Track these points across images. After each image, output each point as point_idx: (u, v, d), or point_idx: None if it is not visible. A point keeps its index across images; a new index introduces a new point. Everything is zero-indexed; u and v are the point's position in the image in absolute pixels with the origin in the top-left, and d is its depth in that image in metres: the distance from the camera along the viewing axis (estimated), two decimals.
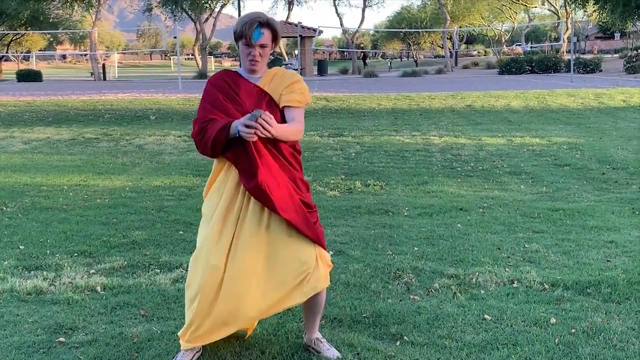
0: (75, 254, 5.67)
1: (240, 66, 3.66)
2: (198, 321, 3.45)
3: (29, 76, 45.49)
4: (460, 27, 63.74)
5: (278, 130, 3.31)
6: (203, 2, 49.26)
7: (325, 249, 3.63)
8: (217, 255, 3.41)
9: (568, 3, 49.73)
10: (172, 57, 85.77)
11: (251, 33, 3.42)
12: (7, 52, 61.61)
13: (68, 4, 49.69)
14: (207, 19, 53.30)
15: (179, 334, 3.60)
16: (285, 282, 3.45)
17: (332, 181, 8.88)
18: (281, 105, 3.53)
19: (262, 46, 3.48)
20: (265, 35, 3.46)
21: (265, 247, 3.46)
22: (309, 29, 47.53)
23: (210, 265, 3.40)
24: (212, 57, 76.56)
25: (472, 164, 10.21)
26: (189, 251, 5.58)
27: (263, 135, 3.26)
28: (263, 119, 3.22)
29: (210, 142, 3.42)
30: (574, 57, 39.09)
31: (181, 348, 3.59)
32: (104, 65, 51.52)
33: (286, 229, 3.46)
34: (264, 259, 3.45)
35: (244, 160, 3.40)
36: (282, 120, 3.53)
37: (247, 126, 3.23)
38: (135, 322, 4.21)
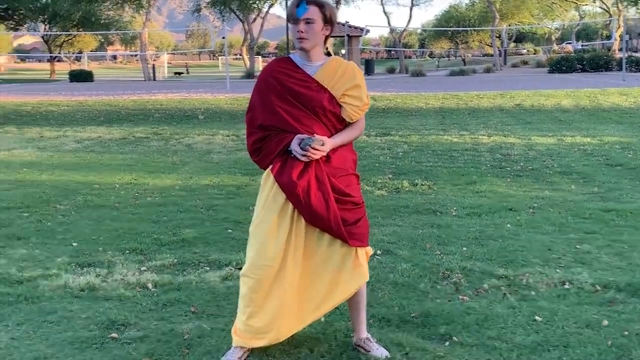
0: (127, 251, 5.77)
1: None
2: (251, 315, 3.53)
3: (80, 76, 46.40)
4: (509, 26, 62.98)
5: (334, 145, 3.43)
6: (251, 2, 49.60)
7: (366, 246, 3.64)
8: (272, 255, 3.45)
9: (620, 0, 48.76)
10: (219, 57, 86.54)
11: (295, 8, 3.44)
12: (59, 53, 62.89)
13: (119, 5, 50.53)
14: (254, 19, 53.65)
15: (237, 325, 3.64)
16: (321, 293, 3.55)
17: (379, 180, 8.86)
18: (342, 114, 3.51)
19: (308, 22, 3.41)
20: (311, 10, 3.40)
21: (312, 251, 3.52)
22: (356, 28, 47.50)
23: (264, 266, 3.45)
24: (259, 56, 77.06)
25: (521, 164, 10.08)
26: (238, 249, 5.64)
27: (316, 158, 3.39)
28: (315, 148, 3.34)
29: (265, 164, 3.57)
30: (626, 55, 38.28)
31: (232, 344, 3.64)
32: (153, 65, 52.23)
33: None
34: (312, 267, 3.52)
35: (285, 157, 3.46)
36: (341, 118, 3.52)
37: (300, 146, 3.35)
38: (186, 318, 4.26)
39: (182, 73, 63.64)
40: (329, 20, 3.46)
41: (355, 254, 3.54)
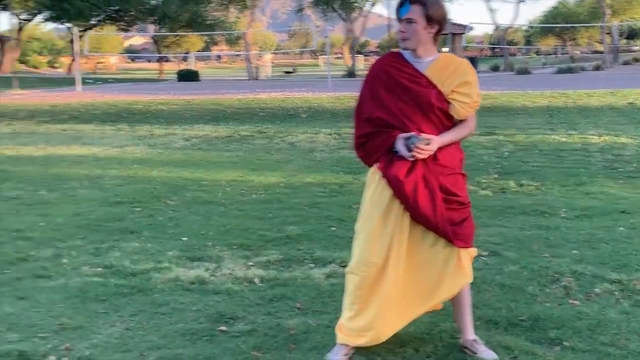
0: (234, 247, 5.90)
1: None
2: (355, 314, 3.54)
3: (187, 76, 47.72)
4: (620, 22, 60.58)
5: (442, 143, 3.41)
6: (353, 1, 49.73)
7: (471, 247, 3.59)
8: (378, 252, 3.45)
9: None
10: (320, 56, 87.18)
11: (398, 9, 3.44)
12: (167, 53, 64.93)
13: (224, 6, 51.72)
14: (356, 18, 53.77)
15: (342, 323, 3.66)
16: (426, 291, 3.53)
17: (484, 180, 8.71)
18: (451, 111, 3.48)
19: (410, 21, 3.41)
20: (413, 10, 3.39)
21: (415, 249, 3.50)
22: (459, 25, 46.88)
23: (370, 262, 3.46)
24: (361, 55, 77.18)
25: (634, 165, 9.68)
26: (342, 247, 5.67)
27: (422, 157, 3.38)
28: (421, 147, 3.33)
29: (370, 161, 3.58)
30: None
31: (337, 341, 3.66)
32: (257, 65, 53.18)
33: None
34: (414, 265, 3.50)
35: (391, 155, 3.46)
36: (450, 116, 3.49)
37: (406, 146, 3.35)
38: (292, 314, 4.32)
39: (291, 72, 64.69)
40: (433, 19, 3.43)
41: (459, 255, 3.50)
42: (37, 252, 5.75)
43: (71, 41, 44.94)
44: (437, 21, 3.45)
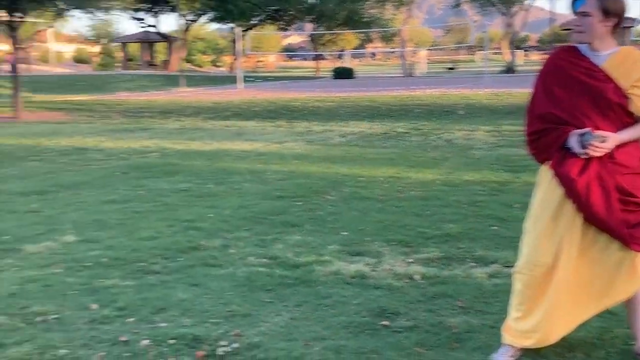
0: (393, 243, 5.93)
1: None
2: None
3: (343, 73, 48.33)
4: None
5: (620, 141, 3.25)
6: None
7: None
8: (547, 252, 3.37)
9: None
10: (477, 52, 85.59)
11: (573, 1, 3.33)
12: (323, 51, 66.10)
13: (381, 3, 51.95)
14: (517, 12, 52.35)
15: (509, 323, 3.61)
16: (599, 292, 3.39)
17: None
18: (630, 107, 3.31)
19: (584, 15, 3.30)
20: (588, 3, 3.28)
21: (586, 251, 3.38)
22: (628, 18, 44.51)
23: (539, 262, 3.38)
24: (520, 50, 74.99)
25: None
26: (504, 247, 5.56)
27: (597, 155, 3.25)
28: (595, 145, 3.21)
29: (542, 158, 3.49)
30: None
31: (503, 342, 3.61)
32: (412, 61, 53.02)
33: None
34: (585, 267, 3.38)
35: (564, 152, 3.35)
36: (629, 112, 3.33)
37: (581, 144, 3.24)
38: (454, 312, 4.29)
39: (454, 68, 64.12)
40: (609, 12, 3.28)
41: (634, 258, 3.34)
42: (206, 242, 6.05)
43: (233, 41, 46.77)
44: (614, 14, 3.30)
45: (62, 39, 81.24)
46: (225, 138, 14.57)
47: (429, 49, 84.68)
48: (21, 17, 23.18)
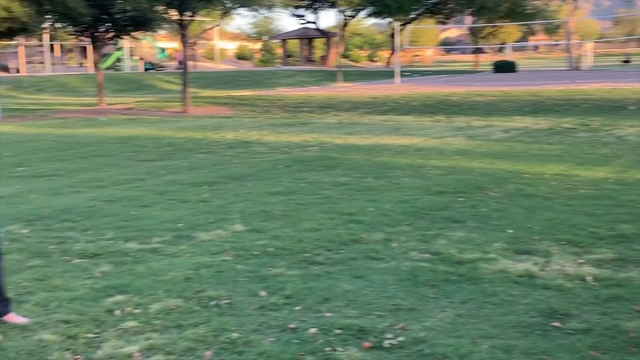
0: (562, 242, 5.69)
1: None
2: None
3: (504, 67, 47.06)
4: None
5: None
6: None
7: None
8: None
9: None
10: None
11: None
12: (483, 44, 64.65)
13: None
14: None
15: None
16: None
17: None
18: None
19: None
20: None
21: None
22: None
23: None
24: None
25: None
26: None
27: None
28: None
29: None
30: None
31: None
32: (578, 54, 50.78)
33: None
34: None
35: None
36: None
37: None
38: (630, 316, 4.06)
39: (629, 61, 60.91)
40: None
41: None
42: (368, 235, 6.07)
43: (391, 35, 46.77)
44: None
45: (226, 37, 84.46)
46: (383, 132, 14.59)
47: (595, 42, 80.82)
48: (191, 16, 24.34)
